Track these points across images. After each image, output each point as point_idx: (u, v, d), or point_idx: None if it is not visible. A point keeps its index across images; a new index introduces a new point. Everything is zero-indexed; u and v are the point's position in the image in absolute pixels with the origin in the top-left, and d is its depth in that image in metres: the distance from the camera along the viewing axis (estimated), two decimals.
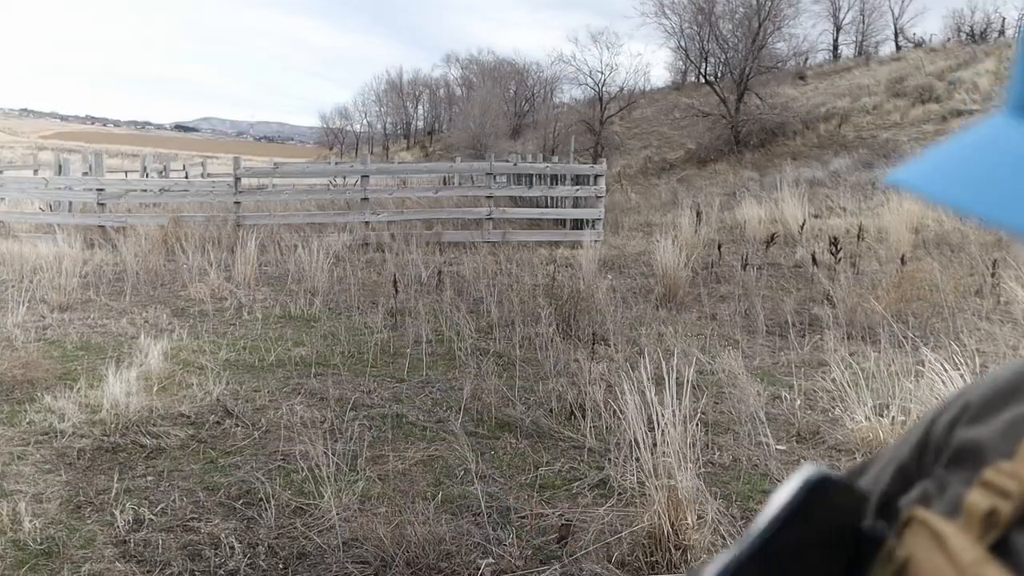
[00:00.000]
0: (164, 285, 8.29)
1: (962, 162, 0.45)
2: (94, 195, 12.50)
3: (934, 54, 29.71)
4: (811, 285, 8.03)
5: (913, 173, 0.46)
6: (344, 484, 3.51)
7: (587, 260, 8.85)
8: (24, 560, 2.96)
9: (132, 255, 9.20)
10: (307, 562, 3.00)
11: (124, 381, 4.68)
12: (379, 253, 10.36)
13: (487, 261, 9.40)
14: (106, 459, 3.90)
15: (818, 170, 18.32)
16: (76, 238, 10.35)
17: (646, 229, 12.83)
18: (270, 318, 6.86)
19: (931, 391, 4.22)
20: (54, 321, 6.65)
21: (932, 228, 10.56)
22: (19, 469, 3.75)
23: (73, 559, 2.98)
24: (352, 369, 5.47)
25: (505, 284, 8.04)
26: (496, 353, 5.78)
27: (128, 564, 2.95)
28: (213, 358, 5.60)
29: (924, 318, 6.48)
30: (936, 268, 7.69)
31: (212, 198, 12.57)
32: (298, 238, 10.24)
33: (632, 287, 8.31)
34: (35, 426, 4.27)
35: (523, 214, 12.45)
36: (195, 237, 10.02)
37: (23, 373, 4.99)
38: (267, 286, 8.30)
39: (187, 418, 4.43)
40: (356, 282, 8.26)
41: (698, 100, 29.33)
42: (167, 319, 6.79)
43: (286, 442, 4.07)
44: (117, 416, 4.36)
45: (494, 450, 4.09)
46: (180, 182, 15.46)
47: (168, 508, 3.38)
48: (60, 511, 3.35)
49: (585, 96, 35.75)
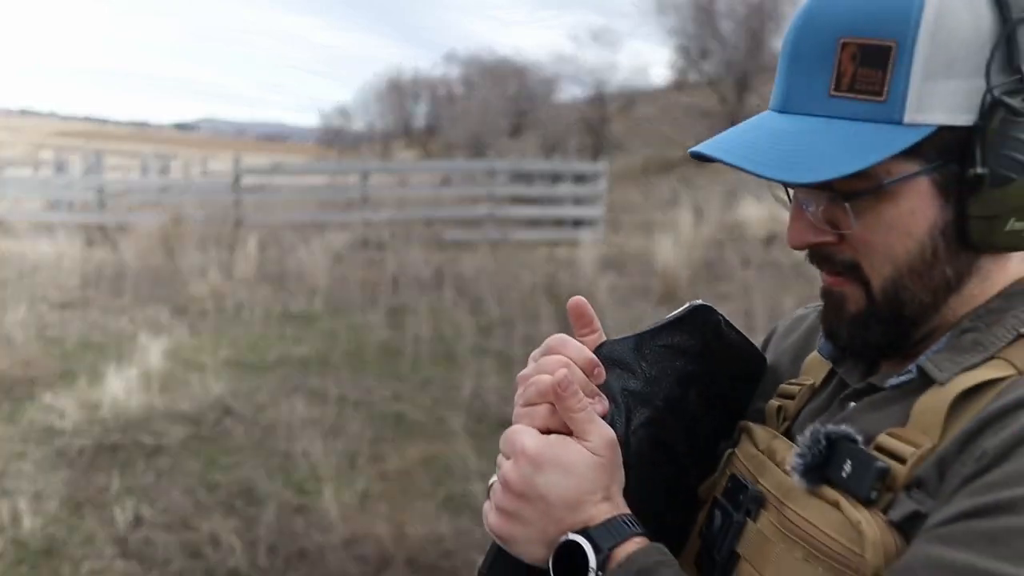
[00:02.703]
0: (164, 284, 8.28)
1: (739, 137, 0.66)
2: (94, 194, 12.52)
3: None
4: (811, 284, 8.02)
5: (708, 147, 0.66)
6: (344, 482, 3.52)
7: (587, 259, 8.85)
8: (24, 558, 2.96)
9: (132, 254, 9.20)
10: (307, 560, 3.00)
11: (124, 379, 4.69)
12: (379, 252, 10.36)
13: (487, 260, 9.40)
14: (106, 457, 3.90)
15: None
16: (76, 237, 10.35)
17: (646, 228, 12.83)
18: (270, 317, 6.86)
19: None
20: (54, 319, 6.65)
21: None
22: (19, 467, 3.75)
23: (73, 557, 2.98)
24: (352, 368, 5.47)
25: (505, 283, 8.04)
26: (496, 352, 5.79)
27: (128, 562, 2.95)
28: (213, 357, 5.60)
29: None
30: None
31: (212, 197, 12.58)
32: (298, 237, 10.25)
33: (632, 286, 8.31)
34: (35, 424, 4.27)
35: (523, 213, 12.44)
36: (195, 236, 10.02)
37: (23, 371, 4.99)
38: (267, 285, 8.29)
39: (187, 416, 4.43)
40: (356, 281, 8.26)
41: (699, 99, 29.32)
42: (167, 318, 6.79)
43: (286, 440, 4.07)
44: (117, 414, 4.37)
45: (494, 448, 4.09)
46: (180, 181, 15.47)
47: (168, 506, 3.38)
48: (60, 509, 3.35)
49: (585, 95, 35.74)
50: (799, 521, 0.62)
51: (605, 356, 0.72)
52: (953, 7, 0.59)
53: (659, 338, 0.76)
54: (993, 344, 0.62)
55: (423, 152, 41.98)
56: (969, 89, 0.60)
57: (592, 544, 0.63)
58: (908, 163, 0.61)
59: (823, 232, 0.66)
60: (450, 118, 42.97)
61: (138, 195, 13.62)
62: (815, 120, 0.63)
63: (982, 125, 0.59)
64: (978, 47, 0.59)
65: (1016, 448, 0.55)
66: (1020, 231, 0.62)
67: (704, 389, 0.77)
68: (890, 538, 0.58)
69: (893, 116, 0.60)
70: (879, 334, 0.67)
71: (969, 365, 0.62)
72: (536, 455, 0.66)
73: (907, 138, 0.60)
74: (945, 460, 0.58)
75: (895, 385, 0.66)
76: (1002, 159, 0.60)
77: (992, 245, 0.63)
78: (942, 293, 0.65)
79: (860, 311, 0.67)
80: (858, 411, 0.67)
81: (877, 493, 0.59)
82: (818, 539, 0.60)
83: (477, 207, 12.28)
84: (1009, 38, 0.59)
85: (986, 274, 0.66)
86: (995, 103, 0.59)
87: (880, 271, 0.65)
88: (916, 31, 0.59)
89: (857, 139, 0.60)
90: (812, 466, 0.62)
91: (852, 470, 0.60)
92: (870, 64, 0.60)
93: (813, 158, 0.61)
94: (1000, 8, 0.60)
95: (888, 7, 0.60)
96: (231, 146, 54.14)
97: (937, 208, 0.62)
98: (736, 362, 0.81)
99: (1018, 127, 0.59)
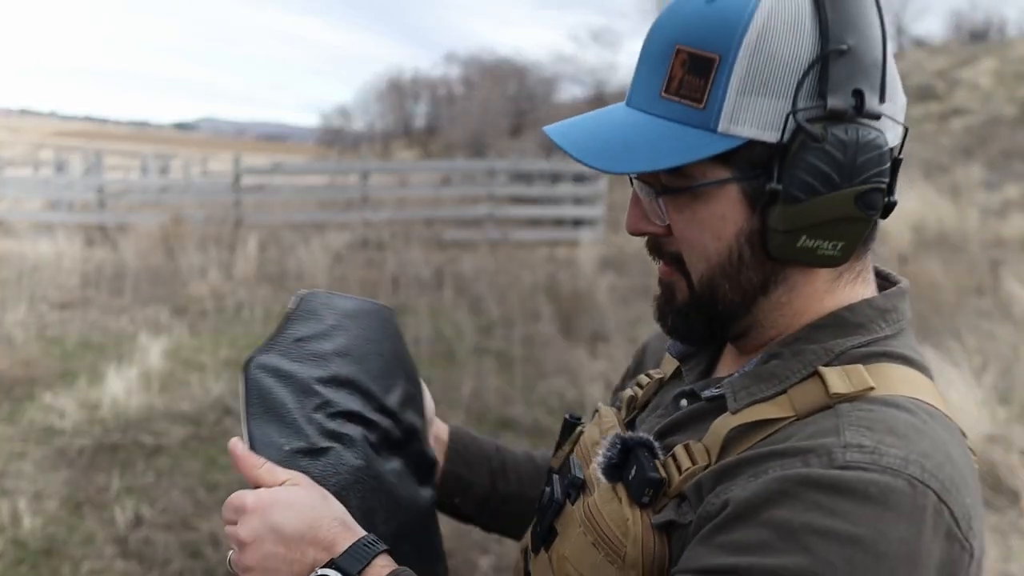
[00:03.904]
0: (164, 283, 8.28)
1: (584, 122, 0.72)
2: (94, 194, 12.51)
3: (935, 53, 29.71)
4: None
5: (556, 127, 0.72)
6: None
7: (587, 259, 8.84)
8: (24, 558, 2.96)
9: (132, 253, 9.20)
10: None
11: (124, 379, 4.69)
12: (379, 252, 10.36)
13: (487, 260, 9.40)
14: (106, 457, 3.90)
15: None
16: (76, 237, 10.35)
17: None
18: (270, 316, 6.86)
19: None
20: (54, 319, 6.65)
21: (932, 227, 10.56)
22: (19, 467, 3.76)
23: (73, 557, 2.98)
24: None
25: (505, 283, 8.04)
26: (496, 351, 5.78)
27: (128, 562, 2.96)
28: (213, 357, 5.60)
29: (924, 317, 6.48)
30: (936, 267, 7.70)
31: (212, 196, 12.58)
32: (298, 237, 10.24)
33: (632, 286, 8.31)
34: (35, 424, 4.27)
35: (523, 213, 12.44)
36: (195, 236, 10.02)
37: (23, 371, 4.99)
38: (267, 285, 8.29)
39: (187, 417, 4.43)
40: (356, 280, 8.26)
41: None
42: (167, 318, 6.79)
43: None
44: (117, 414, 4.37)
45: None
46: (180, 181, 15.47)
47: (168, 506, 3.38)
48: (60, 509, 3.35)
49: (585, 95, 35.74)
50: (595, 511, 0.69)
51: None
52: (777, 29, 0.63)
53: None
54: (787, 379, 0.66)
55: (423, 152, 41.96)
56: (779, 109, 0.63)
57: (342, 573, 0.67)
58: (721, 169, 0.65)
59: (651, 223, 0.72)
60: (450, 118, 42.96)
61: (138, 195, 13.60)
62: (647, 117, 0.68)
63: (784, 144, 0.63)
64: (793, 71, 0.63)
65: (756, 511, 0.58)
66: (812, 248, 0.65)
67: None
68: (650, 537, 0.65)
69: (709, 124, 0.64)
70: (699, 324, 0.73)
71: (760, 398, 0.66)
72: (257, 503, 0.71)
73: (717, 146, 0.64)
74: (702, 486, 0.64)
75: (711, 397, 0.71)
76: (795, 180, 0.63)
77: (789, 258, 0.66)
78: (751, 296, 0.69)
79: (685, 301, 0.73)
80: (686, 414, 0.73)
81: (649, 498, 0.66)
82: (603, 528, 0.67)
83: (477, 207, 12.27)
84: (822, 67, 0.62)
85: (792, 284, 0.69)
86: (798, 128, 0.62)
87: (697, 266, 0.70)
88: (738, 48, 0.63)
89: (673, 140, 0.65)
90: (610, 465, 0.70)
91: (634, 475, 0.67)
92: (695, 72, 0.64)
93: (632, 151, 0.66)
94: (820, 37, 0.62)
95: (719, 21, 0.64)
96: (231, 146, 54.19)
97: (744, 216, 0.66)
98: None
99: (813, 152, 0.62)
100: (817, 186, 0.63)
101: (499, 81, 41.69)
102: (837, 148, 0.62)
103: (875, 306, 0.69)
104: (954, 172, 14.63)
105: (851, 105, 0.63)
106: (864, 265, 0.71)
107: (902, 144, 0.67)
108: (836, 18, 0.63)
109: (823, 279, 0.69)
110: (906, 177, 13.63)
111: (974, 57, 25.75)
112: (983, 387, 4.17)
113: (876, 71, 0.64)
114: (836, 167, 0.62)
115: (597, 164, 0.67)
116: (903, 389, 0.64)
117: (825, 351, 0.66)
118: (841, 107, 0.62)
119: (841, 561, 0.54)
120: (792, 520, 0.56)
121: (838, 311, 0.69)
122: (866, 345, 0.67)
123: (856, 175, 0.63)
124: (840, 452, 0.58)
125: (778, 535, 0.56)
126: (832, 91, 0.62)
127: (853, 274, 0.70)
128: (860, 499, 0.55)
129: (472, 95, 42.32)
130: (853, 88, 0.63)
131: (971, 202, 11.76)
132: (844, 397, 0.62)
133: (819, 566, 0.54)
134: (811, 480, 0.57)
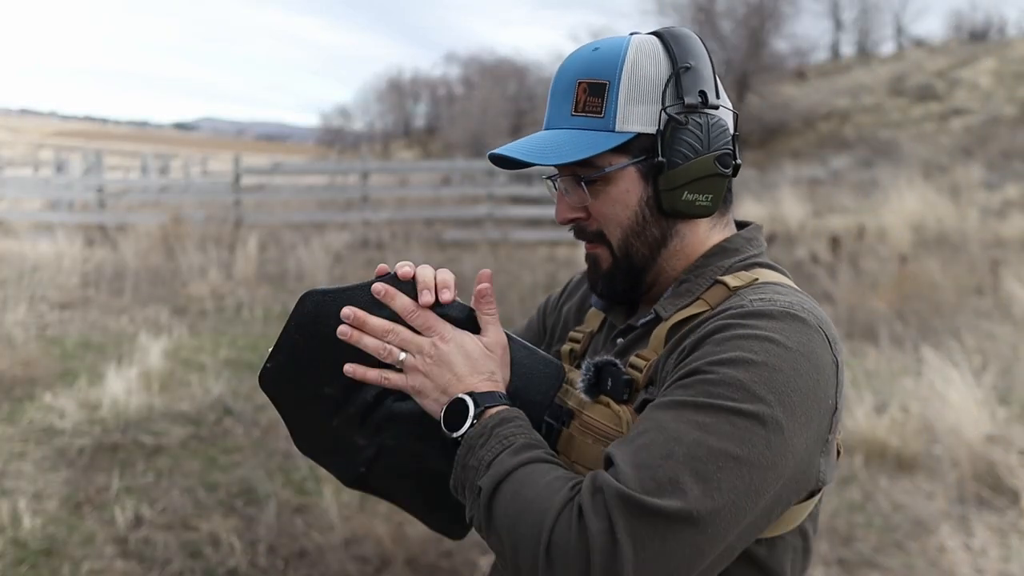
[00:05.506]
0: (164, 283, 8.28)
1: (521, 142, 0.98)
2: (94, 194, 12.51)
3: (935, 53, 29.69)
4: (811, 284, 8.03)
5: (500, 149, 0.98)
6: None
7: None
8: (24, 558, 2.96)
9: (132, 253, 9.20)
10: (307, 560, 3.00)
11: (124, 379, 4.69)
12: (379, 252, 10.36)
13: (487, 260, 9.40)
14: (106, 457, 3.90)
15: (818, 169, 18.29)
16: (76, 236, 10.35)
17: None
18: (270, 316, 6.86)
19: (931, 389, 4.22)
20: (54, 319, 6.66)
21: (932, 227, 10.56)
22: (19, 467, 3.75)
23: (73, 557, 2.98)
24: None
25: (505, 283, 8.04)
26: None
27: (128, 562, 2.95)
28: (213, 356, 5.60)
29: (924, 317, 6.48)
30: (936, 267, 7.69)
31: (212, 196, 12.57)
32: (298, 236, 10.24)
33: None
34: (35, 424, 4.27)
35: (523, 213, 12.44)
36: (195, 236, 10.02)
37: (23, 371, 4.99)
38: (267, 285, 8.30)
39: (187, 417, 4.43)
40: (356, 280, 8.24)
41: None
42: (167, 317, 6.79)
43: (286, 441, 4.07)
44: (117, 414, 4.37)
45: None
46: (180, 181, 15.46)
47: (168, 506, 3.38)
48: (60, 509, 3.35)
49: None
50: (590, 420, 0.96)
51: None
52: (642, 60, 0.94)
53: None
54: (699, 289, 0.96)
55: (423, 152, 41.87)
56: (654, 110, 0.94)
57: (474, 401, 0.91)
58: (621, 157, 0.95)
59: (576, 211, 0.99)
60: (450, 118, 42.91)
61: (138, 195, 13.61)
62: (563, 130, 0.96)
63: (661, 131, 0.93)
64: (658, 84, 0.94)
65: (703, 340, 0.86)
66: (691, 201, 0.95)
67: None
68: (636, 419, 0.89)
69: (609, 127, 0.94)
70: (622, 282, 1.00)
71: (683, 306, 0.95)
72: (450, 339, 0.96)
73: (616, 140, 0.93)
74: (659, 367, 0.91)
75: (643, 323, 0.99)
76: (674, 152, 0.93)
77: (678, 212, 0.95)
78: (656, 248, 0.98)
79: (609, 267, 1.00)
80: (627, 342, 1.01)
81: (627, 394, 0.93)
82: (601, 428, 0.94)
83: (477, 207, 12.27)
84: (677, 78, 0.93)
85: (683, 235, 0.98)
86: (669, 119, 0.93)
87: (614, 234, 0.98)
88: (620, 74, 0.93)
89: (585, 140, 0.94)
90: (589, 385, 0.96)
91: (611, 384, 0.95)
92: (594, 94, 0.94)
93: (558, 149, 0.95)
94: (671, 61, 0.94)
95: (604, 60, 0.94)
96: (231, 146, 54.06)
97: (642, 187, 0.96)
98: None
99: (682, 132, 0.93)
100: (688, 153, 0.93)
101: (499, 81, 41.66)
102: (696, 128, 0.93)
103: (743, 237, 1.01)
104: (954, 172, 14.63)
105: (699, 101, 0.93)
106: (727, 216, 1.02)
107: (735, 124, 0.98)
108: (679, 49, 0.94)
109: (703, 228, 0.99)
110: (906, 177, 13.61)
111: (974, 57, 25.73)
112: (983, 387, 4.16)
113: (711, 79, 0.95)
114: (698, 139, 0.93)
115: (535, 160, 0.94)
116: (775, 279, 0.95)
117: (718, 268, 0.97)
118: (693, 103, 0.93)
119: (762, 352, 0.81)
120: (725, 336, 0.84)
121: (719, 243, 0.99)
122: (743, 261, 0.98)
123: (712, 144, 0.94)
124: (748, 303, 0.88)
125: (717, 345, 0.83)
126: (686, 93, 0.93)
127: (723, 223, 1.01)
128: (767, 317, 0.85)
129: (472, 95, 42.31)
130: (699, 90, 0.94)
131: (971, 202, 11.76)
132: (740, 288, 0.92)
133: (748, 354, 0.81)
134: (732, 315, 0.86)
